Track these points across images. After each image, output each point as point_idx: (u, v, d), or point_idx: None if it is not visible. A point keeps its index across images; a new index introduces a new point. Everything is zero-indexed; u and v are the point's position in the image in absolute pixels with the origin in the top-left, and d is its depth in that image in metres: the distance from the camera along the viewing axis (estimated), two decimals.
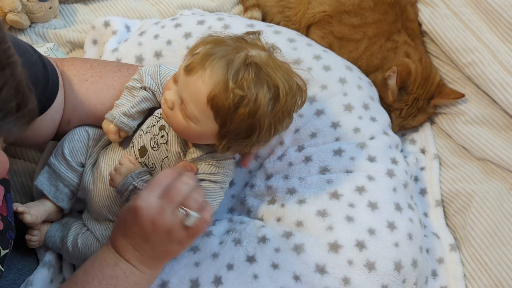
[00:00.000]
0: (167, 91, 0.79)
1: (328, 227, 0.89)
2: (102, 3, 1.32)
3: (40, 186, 0.91)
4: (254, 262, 0.87)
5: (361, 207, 0.91)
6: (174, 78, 0.79)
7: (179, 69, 0.77)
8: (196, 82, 0.74)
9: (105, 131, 0.88)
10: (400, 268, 0.87)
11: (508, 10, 1.11)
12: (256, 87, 0.74)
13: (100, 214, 0.90)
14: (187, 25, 1.07)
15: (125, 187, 0.81)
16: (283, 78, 0.76)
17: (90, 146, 0.92)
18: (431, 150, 1.13)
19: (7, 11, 1.16)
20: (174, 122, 0.79)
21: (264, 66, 0.75)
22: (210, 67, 0.73)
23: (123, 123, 0.86)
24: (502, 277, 0.94)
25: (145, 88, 0.88)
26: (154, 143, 0.86)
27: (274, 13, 1.28)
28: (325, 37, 1.20)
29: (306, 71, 0.88)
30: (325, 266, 0.86)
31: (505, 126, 1.09)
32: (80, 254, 0.88)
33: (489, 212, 1.01)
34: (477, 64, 1.11)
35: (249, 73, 0.73)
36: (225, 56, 0.74)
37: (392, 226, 0.90)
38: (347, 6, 1.19)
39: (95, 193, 0.90)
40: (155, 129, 0.86)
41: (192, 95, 0.75)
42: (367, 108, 1.02)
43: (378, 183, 0.94)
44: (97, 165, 0.91)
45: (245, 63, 0.74)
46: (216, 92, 0.73)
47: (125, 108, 0.87)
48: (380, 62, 1.16)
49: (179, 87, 0.77)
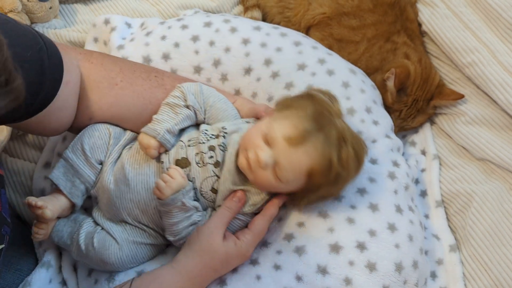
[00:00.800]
0: (259, 151, 0.82)
1: (329, 229, 0.89)
2: (102, 3, 1.32)
3: (56, 181, 0.90)
4: (257, 264, 0.88)
5: (362, 209, 0.91)
6: (265, 139, 0.82)
7: (272, 131, 0.82)
8: (300, 156, 0.81)
9: (145, 146, 0.87)
10: (401, 269, 0.87)
11: (508, 10, 1.11)
12: (353, 164, 0.83)
13: (117, 215, 0.90)
14: (194, 27, 1.08)
15: (174, 202, 0.83)
16: (363, 149, 0.87)
17: (110, 145, 0.92)
18: (431, 151, 1.13)
19: (7, 11, 1.16)
20: (261, 179, 0.84)
21: (351, 140, 0.84)
22: (312, 143, 0.80)
23: (166, 140, 0.88)
24: (502, 277, 0.94)
25: (188, 107, 0.90)
26: (200, 160, 0.88)
27: (274, 14, 1.28)
28: (325, 39, 1.20)
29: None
30: (326, 267, 0.86)
31: (505, 126, 1.09)
32: (96, 253, 0.87)
33: (489, 212, 1.00)
34: (477, 65, 1.11)
35: (348, 152, 0.82)
36: (322, 130, 0.81)
37: (393, 227, 0.90)
38: (346, 8, 1.18)
39: (115, 195, 0.89)
40: (204, 148, 0.88)
41: (292, 164, 0.81)
42: (370, 111, 1.03)
43: (379, 185, 0.94)
44: (120, 166, 0.90)
45: (339, 140, 0.82)
46: (318, 168, 0.81)
47: (168, 125, 0.88)
48: (379, 63, 1.16)
49: (276, 153, 0.81)
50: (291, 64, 1.03)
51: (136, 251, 0.89)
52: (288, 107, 0.86)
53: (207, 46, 1.05)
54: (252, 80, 1.04)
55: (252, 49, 1.05)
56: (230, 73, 1.04)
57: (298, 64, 1.03)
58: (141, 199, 0.88)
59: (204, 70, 1.05)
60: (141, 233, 0.90)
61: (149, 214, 0.89)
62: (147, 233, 0.90)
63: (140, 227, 0.90)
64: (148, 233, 0.90)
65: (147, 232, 0.90)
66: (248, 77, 1.04)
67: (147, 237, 0.90)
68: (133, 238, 0.89)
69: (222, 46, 1.05)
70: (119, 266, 0.88)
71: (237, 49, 1.05)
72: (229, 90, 1.04)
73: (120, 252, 0.88)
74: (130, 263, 0.89)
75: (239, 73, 1.04)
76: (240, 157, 0.86)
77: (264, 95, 1.03)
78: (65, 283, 0.94)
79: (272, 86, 1.03)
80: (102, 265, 0.88)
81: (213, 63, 1.05)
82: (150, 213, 0.89)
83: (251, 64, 1.04)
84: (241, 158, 0.85)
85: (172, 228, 0.86)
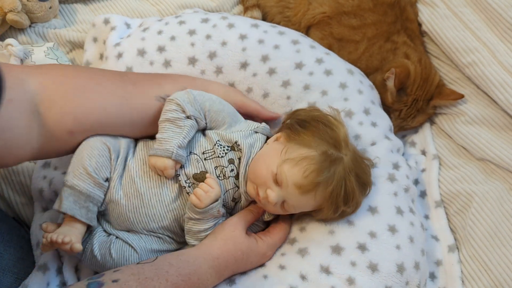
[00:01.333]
0: (269, 191, 0.85)
1: (330, 232, 0.90)
2: (102, 3, 1.32)
3: (71, 212, 0.83)
4: (263, 266, 0.90)
5: (361, 212, 0.91)
6: (275, 179, 0.85)
7: (283, 175, 0.85)
8: (309, 199, 0.85)
9: (161, 168, 0.86)
10: (403, 270, 0.87)
11: (508, 10, 1.11)
12: (359, 196, 0.88)
13: (131, 228, 0.89)
14: (192, 22, 1.07)
15: (211, 210, 0.85)
16: (368, 175, 0.90)
17: (113, 159, 0.89)
18: (431, 151, 1.13)
19: (7, 11, 1.16)
20: (269, 209, 0.90)
21: (359, 173, 0.87)
22: (321, 191, 0.84)
23: (181, 156, 0.87)
24: (502, 278, 0.94)
25: (189, 117, 0.90)
26: (221, 173, 0.89)
27: (274, 14, 1.28)
28: (325, 39, 1.20)
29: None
30: (329, 267, 0.87)
31: (505, 126, 1.09)
32: (114, 263, 0.86)
33: (489, 212, 1.00)
34: (477, 64, 1.11)
35: (353, 189, 0.86)
36: (330, 178, 0.84)
37: (393, 229, 0.90)
38: (346, 7, 1.18)
39: (128, 209, 0.88)
40: (224, 161, 0.89)
41: (300, 204, 0.87)
42: (368, 113, 1.02)
43: (378, 188, 0.95)
44: (129, 179, 0.89)
45: (345, 177, 0.85)
46: (325, 209, 0.87)
47: (177, 141, 0.87)
48: (379, 63, 1.16)
49: (285, 194, 0.85)
50: (288, 62, 1.03)
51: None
52: (297, 143, 0.87)
53: (204, 39, 1.05)
54: (247, 75, 1.03)
55: (249, 44, 1.04)
56: (226, 66, 1.04)
57: (295, 62, 1.03)
58: (157, 213, 0.88)
59: (199, 61, 1.04)
60: (156, 240, 0.90)
61: (165, 225, 0.89)
62: (162, 240, 0.90)
63: (155, 235, 0.90)
64: (163, 240, 0.90)
65: (162, 239, 0.90)
66: (244, 71, 1.04)
67: (163, 244, 0.90)
68: (150, 246, 0.89)
69: (218, 40, 1.05)
70: None
71: (234, 43, 1.04)
72: (223, 83, 1.04)
73: (140, 260, 0.87)
74: None
75: (235, 67, 1.04)
76: (248, 186, 0.89)
77: (260, 90, 1.03)
78: (64, 285, 0.93)
79: (269, 82, 1.03)
80: None
81: (208, 55, 1.04)
82: (166, 224, 0.89)
83: (248, 59, 1.03)
84: (250, 187, 0.89)
85: (199, 234, 0.87)
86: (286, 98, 1.02)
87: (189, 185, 0.88)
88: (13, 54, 1.08)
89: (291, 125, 0.90)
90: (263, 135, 0.94)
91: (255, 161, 0.90)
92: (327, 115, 0.91)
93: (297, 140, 0.87)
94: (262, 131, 0.94)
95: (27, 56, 1.11)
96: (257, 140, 0.92)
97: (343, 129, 0.89)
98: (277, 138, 0.91)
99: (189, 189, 0.88)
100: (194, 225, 0.87)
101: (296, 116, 0.92)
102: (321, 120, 0.89)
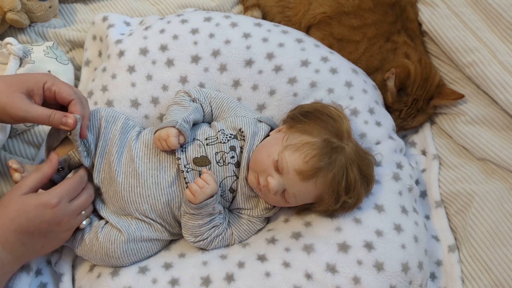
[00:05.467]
0: (270, 178, 0.85)
1: (337, 228, 0.90)
2: (102, 3, 1.32)
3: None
4: (266, 260, 0.88)
5: (367, 209, 0.92)
6: (276, 166, 0.86)
7: (284, 161, 0.85)
8: (310, 186, 0.85)
9: (164, 136, 0.87)
10: (407, 269, 0.88)
11: (508, 10, 1.11)
12: (361, 187, 0.87)
13: (124, 209, 0.90)
14: (194, 21, 1.08)
15: (206, 206, 0.86)
16: (370, 169, 0.90)
17: (103, 128, 0.93)
18: (431, 151, 1.13)
19: (7, 10, 1.16)
20: (269, 199, 0.90)
21: (361, 165, 0.87)
22: (322, 177, 0.84)
23: (185, 128, 0.89)
24: (502, 277, 0.94)
25: (194, 100, 0.95)
26: (221, 159, 0.90)
27: (274, 13, 1.28)
28: (325, 39, 1.20)
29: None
30: (336, 265, 0.86)
31: (505, 126, 1.09)
32: (100, 247, 0.87)
33: (490, 212, 1.00)
34: (477, 64, 1.11)
35: (355, 179, 0.85)
36: (331, 164, 0.84)
37: (399, 228, 0.90)
38: (346, 7, 1.18)
39: (123, 187, 0.89)
40: (225, 147, 0.91)
41: (301, 193, 0.87)
42: (372, 112, 1.03)
43: (384, 186, 0.95)
44: (129, 159, 0.91)
45: (347, 167, 0.85)
46: (326, 198, 0.86)
47: (183, 115, 0.90)
48: (379, 63, 1.16)
49: (286, 182, 0.85)
50: (294, 60, 1.03)
51: (141, 246, 0.90)
52: (298, 130, 0.87)
53: (207, 37, 1.05)
54: (253, 72, 1.03)
55: (253, 43, 1.05)
56: (230, 63, 1.04)
57: (301, 60, 1.03)
58: (151, 194, 0.89)
59: (202, 59, 1.04)
60: (147, 228, 0.90)
61: (158, 209, 0.90)
62: (153, 228, 0.90)
63: (147, 221, 0.90)
64: (155, 228, 0.90)
65: (154, 227, 0.90)
66: (249, 69, 1.04)
67: (153, 232, 0.90)
68: (139, 233, 0.89)
69: (222, 39, 1.05)
70: (123, 261, 0.88)
71: (237, 41, 1.05)
72: (228, 80, 1.04)
73: (126, 246, 0.88)
74: (135, 258, 0.89)
75: (239, 65, 1.04)
76: (249, 175, 0.89)
77: (266, 88, 1.03)
78: (44, 287, 0.92)
79: (275, 79, 1.03)
80: (106, 259, 0.88)
81: (212, 53, 1.04)
82: (159, 208, 0.89)
83: (253, 57, 1.04)
84: (251, 176, 0.89)
85: (195, 229, 0.88)
86: (293, 95, 1.02)
87: (188, 169, 0.89)
88: (13, 53, 1.07)
89: (294, 116, 0.91)
90: (267, 125, 0.95)
91: (257, 150, 0.90)
92: (330, 108, 0.92)
93: (299, 128, 0.88)
94: (266, 121, 0.96)
95: (27, 55, 1.10)
96: (260, 129, 0.94)
97: (346, 122, 0.90)
98: (279, 129, 0.92)
99: (187, 174, 0.89)
100: (189, 220, 0.88)
101: (300, 108, 0.93)
102: (325, 111, 0.90)
